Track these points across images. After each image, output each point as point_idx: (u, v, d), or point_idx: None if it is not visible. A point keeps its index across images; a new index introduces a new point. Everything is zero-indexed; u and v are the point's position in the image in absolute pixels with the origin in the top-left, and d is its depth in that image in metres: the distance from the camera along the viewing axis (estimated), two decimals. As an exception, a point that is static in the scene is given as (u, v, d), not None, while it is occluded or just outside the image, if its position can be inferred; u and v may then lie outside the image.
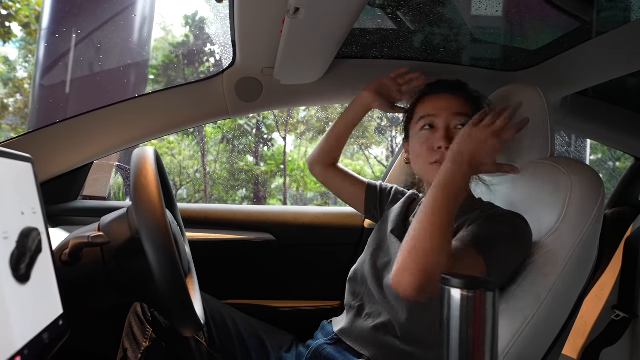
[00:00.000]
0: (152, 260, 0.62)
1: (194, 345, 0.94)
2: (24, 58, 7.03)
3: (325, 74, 1.17)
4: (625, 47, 1.01)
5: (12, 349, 0.43)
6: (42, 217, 0.57)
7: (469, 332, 0.47)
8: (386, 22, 1.16)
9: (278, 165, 6.32)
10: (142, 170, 0.67)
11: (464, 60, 1.30)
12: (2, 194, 0.47)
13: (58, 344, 0.54)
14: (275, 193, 6.47)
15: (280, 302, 1.34)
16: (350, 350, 0.86)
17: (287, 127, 6.42)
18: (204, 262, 1.10)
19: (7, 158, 0.51)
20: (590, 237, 0.77)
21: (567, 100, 1.34)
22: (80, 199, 1.35)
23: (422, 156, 0.88)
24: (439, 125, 0.87)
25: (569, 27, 1.15)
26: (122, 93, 4.37)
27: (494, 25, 1.24)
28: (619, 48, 1.03)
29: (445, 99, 0.89)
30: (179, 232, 0.88)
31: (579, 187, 0.79)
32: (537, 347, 0.78)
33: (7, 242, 0.46)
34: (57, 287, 0.57)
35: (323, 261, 1.37)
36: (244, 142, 6.40)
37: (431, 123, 0.88)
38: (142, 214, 0.63)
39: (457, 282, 0.47)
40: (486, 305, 0.47)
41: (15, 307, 0.45)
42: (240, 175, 6.30)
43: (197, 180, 6.26)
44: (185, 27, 6.66)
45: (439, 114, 0.87)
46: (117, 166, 1.86)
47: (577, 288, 0.79)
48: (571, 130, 1.72)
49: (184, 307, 0.66)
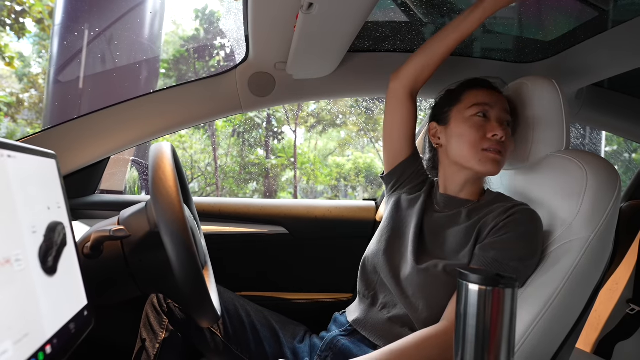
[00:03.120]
0: (171, 253, 0.63)
1: (209, 336, 0.97)
2: (38, 54, 7.14)
3: (338, 68, 1.17)
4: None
5: (43, 338, 0.45)
6: (66, 212, 0.59)
7: (486, 328, 0.46)
8: (398, 14, 1.15)
9: (288, 158, 6.34)
10: (160, 166, 0.68)
11: (478, 53, 1.29)
12: (29, 190, 0.48)
13: (83, 334, 0.56)
14: (285, 186, 6.50)
15: (293, 294, 1.36)
16: (365, 341, 0.86)
17: (297, 120, 6.43)
18: (218, 255, 1.12)
19: (33, 155, 0.52)
20: (605, 231, 0.76)
21: (582, 92, 1.32)
22: (97, 193, 1.38)
23: (473, 142, 0.89)
24: (493, 116, 0.89)
25: (586, 17, 1.12)
26: (135, 87, 4.42)
27: (508, 15, 1.22)
28: (638, 38, 1.00)
29: (497, 95, 0.92)
30: (195, 225, 0.90)
31: (595, 180, 0.78)
32: (551, 340, 0.78)
33: (35, 236, 0.47)
34: (81, 278, 0.59)
35: (335, 254, 1.38)
36: (255, 136, 6.43)
37: (486, 112, 0.90)
38: (160, 208, 0.64)
39: (475, 278, 0.46)
40: (504, 302, 0.45)
41: (45, 299, 0.47)
42: (251, 168, 6.34)
43: (209, 174, 6.32)
44: (196, 20, 6.68)
45: (495, 106, 0.90)
46: (133, 161, 1.89)
47: (591, 282, 0.79)
48: (587, 123, 1.69)
49: (201, 298, 0.68)
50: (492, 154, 0.87)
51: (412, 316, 0.83)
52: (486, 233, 0.82)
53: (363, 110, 6.42)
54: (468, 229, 0.85)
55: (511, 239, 0.79)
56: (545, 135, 0.90)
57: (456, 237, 0.86)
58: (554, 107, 0.88)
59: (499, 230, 0.81)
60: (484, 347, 0.46)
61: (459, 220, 0.88)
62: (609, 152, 5.00)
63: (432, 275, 0.82)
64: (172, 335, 0.96)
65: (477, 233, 0.83)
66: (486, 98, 0.91)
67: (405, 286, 0.85)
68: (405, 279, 0.85)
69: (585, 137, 2.69)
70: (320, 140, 6.89)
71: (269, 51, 1.11)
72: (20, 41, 5.50)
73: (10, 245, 0.42)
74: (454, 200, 0.93)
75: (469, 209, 0.89)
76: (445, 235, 0.88)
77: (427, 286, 0.81)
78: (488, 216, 0.85)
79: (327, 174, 6.54)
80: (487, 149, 0.87)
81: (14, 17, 5.20)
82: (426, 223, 0.92)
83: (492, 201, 0.89)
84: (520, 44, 1.27)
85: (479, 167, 0.88)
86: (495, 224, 0.82)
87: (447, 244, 0.86)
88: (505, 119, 0.90)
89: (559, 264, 0.76)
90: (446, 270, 0.81)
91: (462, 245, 0.84)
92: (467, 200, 0.92)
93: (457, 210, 0.91)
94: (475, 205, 0.90)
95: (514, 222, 0.81)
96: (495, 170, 0.88)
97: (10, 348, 0.39)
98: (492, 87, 0.95)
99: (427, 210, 0.95)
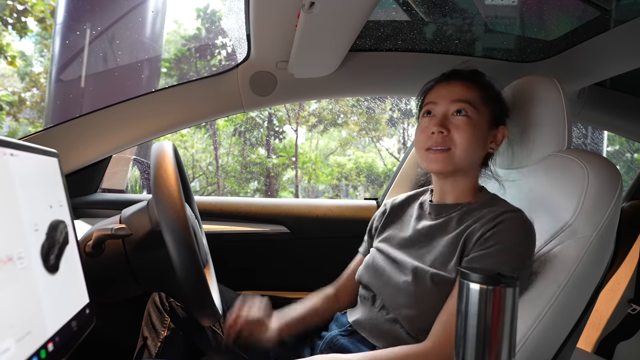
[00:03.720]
0: (173, 251, 0.63)
1: (211, 335, 0.97)
2: (39, 52, 7.15)
3: (339, 67, 1.17)
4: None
5: (45, 336, 0.45)
6: (68, 210, 0.59)
7: (487, 327, 0.45)
8: (400, 13, 1.15)
9: (290, 157, 6.34)
10: (161, 165, 0.68)
11: (479, 52, 1.29)
12: (31, 188, 0.49)
13: (85, 331, 0.57)
14: (286, 185, 6.51)
15: (294, 293, 1.36)
16: (365, 341, 0.86)
17: (298, 120, 6.43)
18: (220, 254, 1.12)
19: (35, 153, 0.52)
20: (607, 231, 0.76)
21: (584, 92, 1.32)
22: (99, 192, 1.38)
23: (419, 143, 0.88)
24: (437, 112, 0.87)
25: (588, 16, 1.12)
26: (136, 86, 4.43)
27: (510, 15, 1.22)
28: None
29: (445, 87, 0.88)
30: (196, 224, 0.90)
31: (596, 180, 0.78)
32: (552, 340, 0.78)
33: (37, 234, 0.48)
34: (83, 277, 0.60)
35: (336, 253, 1.37)
36: (256, 135, 6.44)
37: (430, 110, 0.88)
38: (162, 207, 0.65)
39: (477, 277, 0.46)
40: (505, 301, 0.45)
41: (47, 297, 0.47)
42: (252, 167, 6.35)
43: (210, 173, 6.33)
44: (197, 19, 6.68)
45: (440, 101, 0.87)
46: (135, 159, 1.90)
47: (592, 282, 0.79)
48: (588, 122, 1.68)
49: (203, 297, 0.68)
50: (432, 153, 0.85)
51: (405, 326, 0.81)
52: (472, 244, 0.79)
53: (364, 109, 6.42)
54: (455, 237, 0.82)
55: (497, 252, 0.75)
56: (547, 135, 0.89)
57: (444, 246, 0.82)
58: (556, 106, 0.88)
59: (485, 242, 0.77)
60: (485, 346, 0.46)
61: (448, 228, 0.85)
62: (610, 152, 4.99)
63: (421, 286, 0.80)
64: (174, 334, 0.96)
65: (463, 243, 0.80)
66: (433, 96, 0.89)
67: (397, 296, 0.83)
68: (397, 289, 0.83)
69: (587, 136, 2.68)
70: (321, 140, 6.90)
71: (270, 50, 1.11)
72: (22, 40, 5.51)
73: (12, 244, 0.42)
74: (443, 207, 0.89)
75: (459, 214, 0.86)
76: (434, 244, 0.85)
77: (416, 297, 0.80)
78: (476, 224, 0.81)
79: (328, 174, 6.55)
80: (427, 148, 0.86)
81: (16, 16, 5.21)
82: (418, 233, 0.89)
83: (484, 205, 0.85)
84: (522, 43, 1.27)
85: (428, 168, 0.87)
86: (481, 233, 0.78)
87: (436, 254, 0.83)
88: (454, 108, 0.85)
89: (560, 263, 0.76)
90: (434, 281, 0.79)
91: (450, 255, 0.81)
92: (457, 204, 0.88)
93: (447, 217, 0.87)
94: (466, 208, 0.86)
95: (501, 233, 0.77)
96: (438, 168, 0.85)
97: (13, 346, 0.39)
98: (451, 79, 0.90)
99: (420, 220, 0.92)
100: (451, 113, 0.85)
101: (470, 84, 0.88)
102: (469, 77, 0.89)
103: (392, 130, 6.83)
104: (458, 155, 0.84)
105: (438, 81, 0.91)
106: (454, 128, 0.84)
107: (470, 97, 0.85)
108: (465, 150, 0.84)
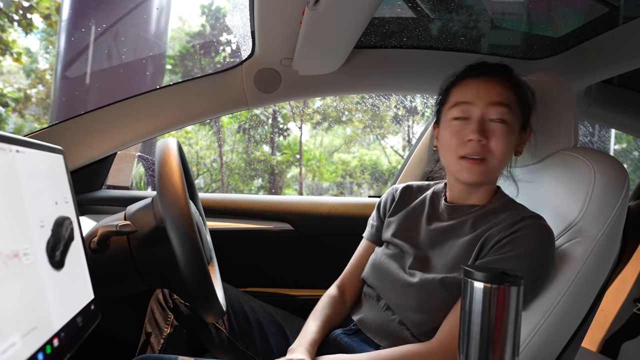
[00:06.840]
0: (177, 248, 0.64)
1: (214, 332, 0.97)
2: (45, 49, 7.17)
3: (344, 64, 1.16)
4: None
5: (51, 331, 0.45)
6: (73, 206, 0.60)
7: (491, 326, 0.45)
8: (405, 10, 1.14)
9: (294, 154, 6.34)
10: (166, 161, 0.68)
11: (485, 49, 1.28)
12: (37, 185, 0.49)
13: (90, 327, 0.57)
14: (291, 183, 6.51)
15: (297, 290, 1.36)
16: (368, 340, 0.86)
17: (302, 117, 6.42)
18: (223, 251, 1.12)
19: (41, 150, 0.53)
20: (613, 230, 0.75)
21: (591, 89, 1.31)
22: (104, 189, 1.39)
23: (451, 149, 0.80)
24: (474, 116, 0.78)
25: (596, 13, 1.11)
26: (141, 83, 4.44)
27: (516, 11, 1.21)
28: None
29: (484, 85, 0.78)
30: (201, 221, 0.90)
31: (602, 179, 0.77)
32: (557, 339, 0.78)
33: (43, 231, 0.48)
34: (88, 273, 0.60)
35: (340, 251, 1.38)
36: (260, 132, 6.44)
37: (465, 112, 0.79)
38: (167, 203, 0.65)
39: (481, 276, 0.45)
40: (510, 300, 0.45)
41: (52, 292, 0.47)
42: (256, 165, 6.35)
43: (214, 170, 6.34)
44: (202, 16, 6.68)
45: (475, 102, 0.78)
46: (139, 156, 1.90)
47: (598, 281, 0.78)
48: (595, 120, 1.67)
49: (207, 293, 0.69)
50: (467, 163, 0.78)
51: (412, 328, 0.80)
52: (489, 248, 0.76)
53: (369, 107, 6.40)
54: (471, 241, 0.79)
55: (514, 258, 0.72)
56: (553, 133, 0.89)
57: (458, 249, 0.79)
58: (562, 104, 0.87)
59: (503, 247, 0.74)
60: (489, 345, 0.46)
61: (463, 231, 0.82)
62: (618, 150, 4.94)
63: (430, 289, 0.78)
64: (177, 331, 0.97)
65: (479, 247, 0.77)
66: (468, 94, 0.79)
67: (403, 298, 0.81)
68: (403, 291, 0.81)
69: (594, 134, 2.66)
70: (325, 137, 6.89)
71: (275, 47, 1.11)
72: (27, 37, 5.55)
73: (18, 240, 0.42)
74: (458, 209, 0.85)
75: (474, 217, 0.82)
76: (447, 247, 0.82)
77: (424, 300, 0.78)
78: (493, 229, 0.77)
79: (333, 171, 6.54)
80: (463, 156, 0.78)
81: (22, 13, 5.23)
82: (429, 234, 0.86)
83: (500, 209, 0.81)
84: (529, 40, 1.26)
85: (459, 177, 0.81)
86: (499, 238, 0.75)
87: (449, 257, 0.80)
88: (495, 114, 0.77)
89: (566, 262, 0.75)
90: (444, 285, 0.76)
91: (464, 259, 0.78)
92: (473, 206, 0.84)
93: (461, 219, 0.84)
94: (481, 211, 0.83)
95: (518, 239, 0.73)
96: (472, 179, 0.79)
97: (19, 341, 0.39)
98: (483, 74, 0.80)
99: (431, 220, 0.89)
100: (491, 119, 0.78)
101: (507, 83, 0.80)
102: (504, 74, 0.81)
103: (396, 127, 6.81)
104: (494, 166, 0.79)
105: (466, 76, 0.83)
106: (492, 135, 0.77)
107: (510, 99, 0.79)
108: (501, 160, 0.79)
